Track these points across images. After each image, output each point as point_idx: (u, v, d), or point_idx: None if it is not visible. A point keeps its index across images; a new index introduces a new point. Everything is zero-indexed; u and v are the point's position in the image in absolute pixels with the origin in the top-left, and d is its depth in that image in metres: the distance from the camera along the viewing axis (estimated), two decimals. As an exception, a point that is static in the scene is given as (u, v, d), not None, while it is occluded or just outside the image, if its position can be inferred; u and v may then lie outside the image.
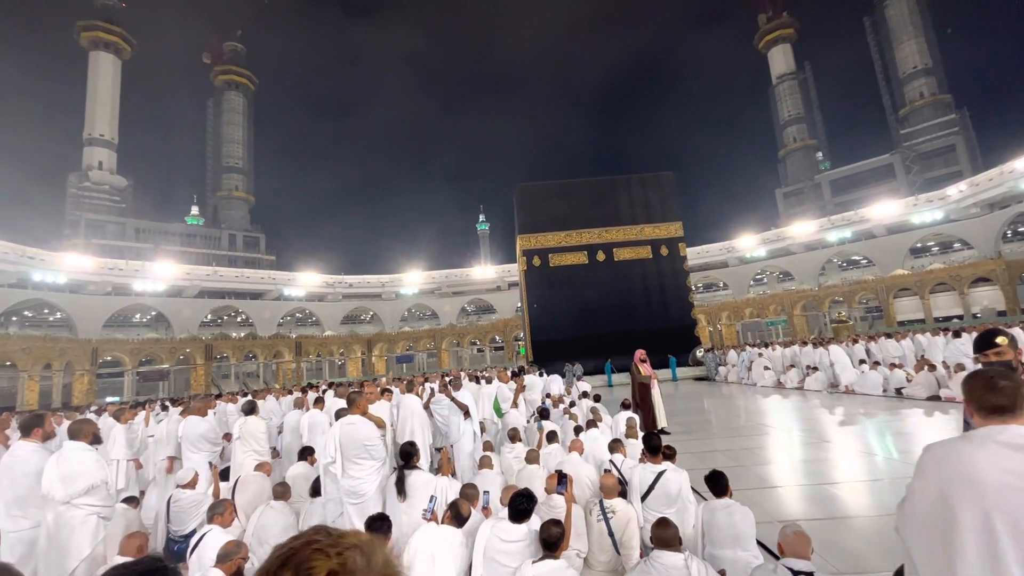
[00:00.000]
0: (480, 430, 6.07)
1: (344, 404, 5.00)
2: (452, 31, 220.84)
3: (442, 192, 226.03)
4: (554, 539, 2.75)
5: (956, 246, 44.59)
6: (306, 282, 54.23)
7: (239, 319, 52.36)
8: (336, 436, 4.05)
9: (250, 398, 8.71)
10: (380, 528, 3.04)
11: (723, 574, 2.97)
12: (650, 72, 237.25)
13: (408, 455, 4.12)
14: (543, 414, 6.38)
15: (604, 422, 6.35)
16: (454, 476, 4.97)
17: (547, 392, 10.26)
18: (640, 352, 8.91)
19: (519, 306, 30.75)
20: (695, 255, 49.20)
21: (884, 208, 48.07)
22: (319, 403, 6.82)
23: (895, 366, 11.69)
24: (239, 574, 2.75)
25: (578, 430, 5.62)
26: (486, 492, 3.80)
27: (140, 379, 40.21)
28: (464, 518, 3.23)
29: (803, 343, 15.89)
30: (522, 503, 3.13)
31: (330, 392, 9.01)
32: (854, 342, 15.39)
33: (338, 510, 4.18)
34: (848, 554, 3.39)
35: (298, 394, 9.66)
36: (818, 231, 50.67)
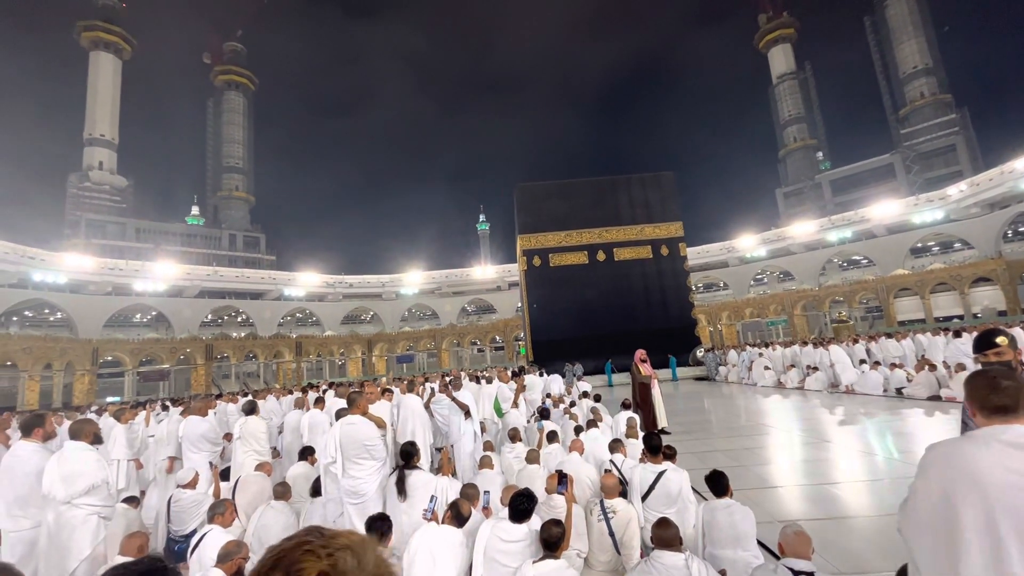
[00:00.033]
0: (480, 430, 6.07)
1: (344, 404, 5.00)
2: (452, 31, 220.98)
3: (442, 192, 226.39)
4: (554, 539, 2.75)
5: (956, 246, 44.57)
6: (306, 282, 54.25)
7: (239, 319, 52.38)
8: (336, 436, 4.06)
9: (250, 398, 8.72)
10: (380, 528, 3.04)
11: (724, 574, 2.97)
12: (650, 72, 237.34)
13: (408, 455, 4.12)
14: (543, 414, 6.38)
15: (604, 422, 6.34)
16: (454, 476, 4.97)
17: (547, 392, 10.26)
18: (640, 352, 8.91)
19: (519, 306, 30.75)
20: (695, 255, 49.22)
21: (884, 208, 48.06)
22: (319, 403, 6.83)
23: (895, 366, 11.68)
24: (239, 574, 2.74)
25: (578, 430, 5.62)
26: (486, 492, 3.79)
27: (140, 379, 40.24)
28: (464, 518, 3.22)
29: (803, 343, 15.88)
30: (522, 503, 3.13)
31: (330, 392, 9.03)
32: (854, 342, 15.38)
33: (338, 510, 4.18)
34: (849, 554, 3.39)
35: (298, 394, 9.66)
36: (818, 231, 50.66)
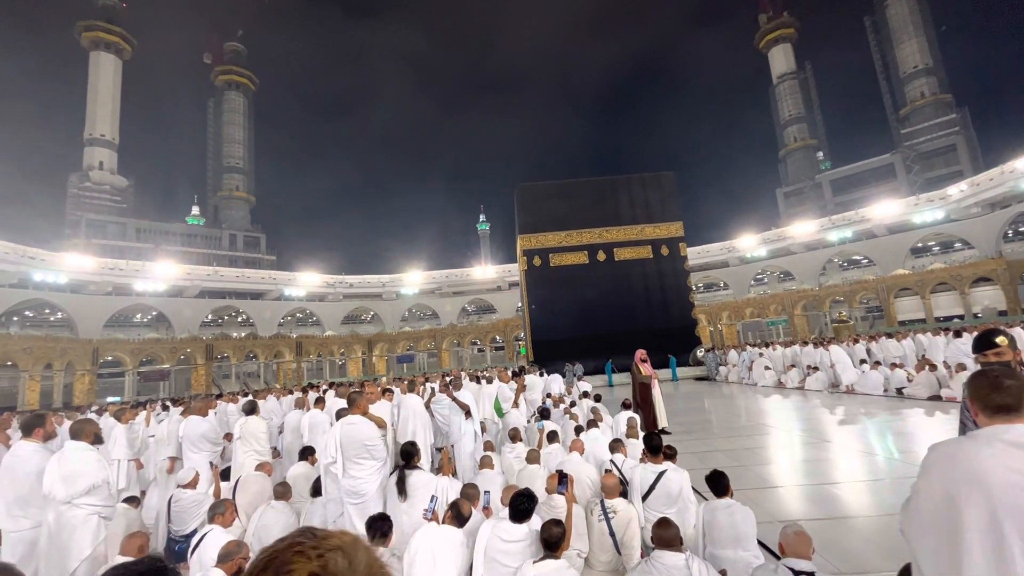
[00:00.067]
0: (481, 430, 6.07)
1: (345, 404, 4.99)
2: (452, 31, 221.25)
3: (442, 192, 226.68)
4: (555, 539, 2.75)
5: (957, 246, 44.56)
6: (306, 282, 54.25)
7: (240, 319, 52.39)
8: (337, 436, 4.05)
9: (251, 398, 8.72)
10: (381, 528, 3.04)
11: (724, 574, 2.96)
12: (650, 72, 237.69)
13: (409, 455, 4.11)
14: (544, 414, 6.37)
15: (605, 422, 6.34)
16: (455, 476, 4.97)
17: (548, 392, 10.27)
18: (641, 352, 8.91)
19: (519, 306, 30.75)
20: (695, 255, 49.22)
21: (885, 208, 48.04)
22: (320, 403, 6.83)
23: (896, 366, 11.68)
24: (240, 574, 2.74)
25: (579, 430, 5.62)
26: (487, 492, 3.79)
27: (141, 379, 40.26)
28: (465, 518, 3.22)
29: (804, 343, 15.88)
30: (523, 503, 3.12)
31: (331, 392, 9.03)
32: (855, 342, 15.37)
33: (339, 510, 4.18)
34: (849, 554, 3.38)
35: (299, 394, 9.67)
36: (819, 231, 50.65)
